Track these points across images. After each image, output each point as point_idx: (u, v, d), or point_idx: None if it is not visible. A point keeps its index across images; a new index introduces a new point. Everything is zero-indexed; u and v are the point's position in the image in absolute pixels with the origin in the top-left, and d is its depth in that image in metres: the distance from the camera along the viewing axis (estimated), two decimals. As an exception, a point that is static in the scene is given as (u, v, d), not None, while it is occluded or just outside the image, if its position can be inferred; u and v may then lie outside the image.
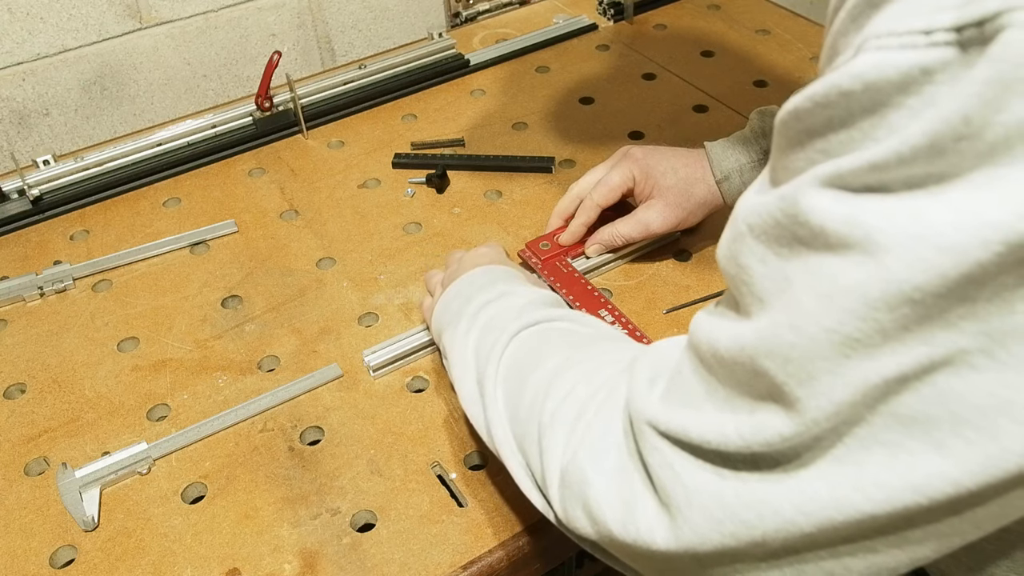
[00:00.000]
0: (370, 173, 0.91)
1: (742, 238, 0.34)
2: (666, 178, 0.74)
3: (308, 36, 1.07)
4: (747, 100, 0.97)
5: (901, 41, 0.28)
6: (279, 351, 0.73)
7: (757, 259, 0.34)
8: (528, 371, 0.50)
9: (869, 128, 0.29)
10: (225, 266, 0.82)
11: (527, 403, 0.49)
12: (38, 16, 0.91)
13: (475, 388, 0.54)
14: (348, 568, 0.57)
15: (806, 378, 0.31)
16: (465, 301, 0.59)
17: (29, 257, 0.84)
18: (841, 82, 0.30)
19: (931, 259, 0.28)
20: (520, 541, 0.58)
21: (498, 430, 0.51)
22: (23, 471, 0.65)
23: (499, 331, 0.54)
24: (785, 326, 0.32)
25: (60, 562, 0.59)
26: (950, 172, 0.28)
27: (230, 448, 0.65)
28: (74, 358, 0.74)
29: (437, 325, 0.62)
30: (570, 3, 1.18)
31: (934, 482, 0.30)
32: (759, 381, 0.33)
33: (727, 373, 0.35)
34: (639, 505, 0.39)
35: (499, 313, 0.56)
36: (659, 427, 0.38)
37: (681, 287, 0.76)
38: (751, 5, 1.14)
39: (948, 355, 0.29)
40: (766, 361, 0.32)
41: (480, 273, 0.61)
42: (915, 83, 0.28)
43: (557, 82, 1.03)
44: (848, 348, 0.30)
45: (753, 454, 0.34)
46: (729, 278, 0.36)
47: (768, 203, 0.33)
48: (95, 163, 0.91)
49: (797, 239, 0.32)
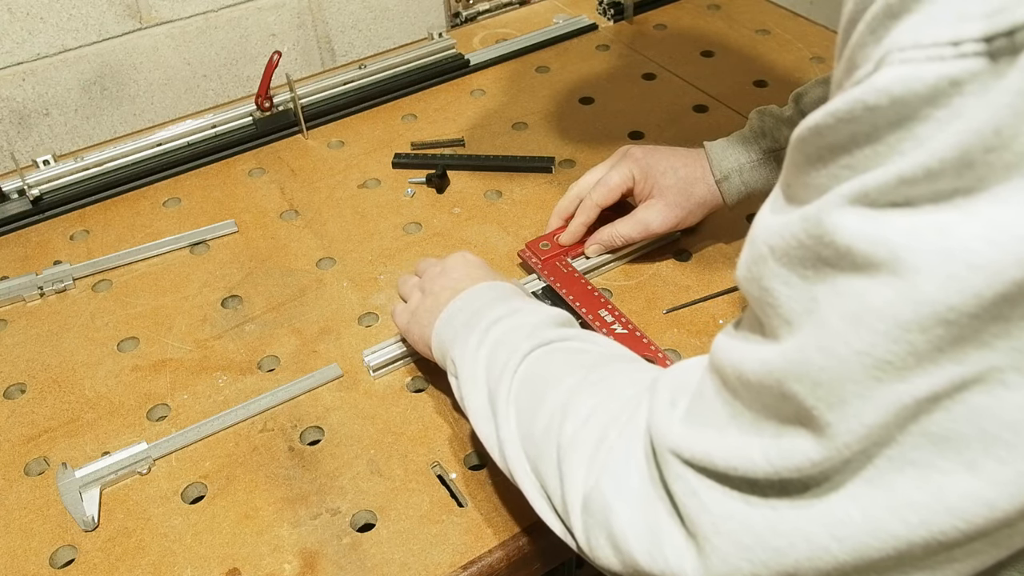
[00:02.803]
0: (370, 173, 0.91)
1: (763, 260, 0.34)
2: (666, 177, 0.74)
3: (308, 36, 1.07)
4: (747, 100, 0.97)
5: (927, 53, 0.27)
6: (279, 351, 0.73)
7: (781, 281, 0.33)
8: (543, 390, 0.49)
9: (895, 142, 0.29)
10: (225, 266, 0.82)
11: (543, 424, 0.47)
12: (38, 16, 0.91)
13: (486, 405, 0.53)
14: (348, 568, 0.57)
15: (836, 402, 0.31)
16: (474, 315, 0.57)
17: (29, 257, 0.84)
18: (866, 97, 0.29)
19: (964, 278, 0.27)
20: (520, 541, 0.58)
21: (511, 449, 0.49)
22: (23, 471, 0.65)
23: (512, 348, 0.53)
24: (814, 349, 0.31)
25: (60, 562, 0.59)
26: (978, 185, 0.27)
27: (230, 448, 0.65)
28: (74, 358, 0.74)
29: (439, 338, 0.59)
30: (570, 3, 1.18)
31: (969, 504, 0.29)
32: (787, 405, 0.33)
33: (753, 397, 0.35)
34: (665, 535, 0.38)
35: (512, 329, 0.55)
36: (682, 455, 0.37)
37: (681, 287, 0.76)
38: (751, 5, 1.14)
39: (980, 373, 0.29)
40: (795, 385, 0.32)
41: (486, 288, 0.60)
42: (944, 95, 0.27)
43: (557, 82, 1.03)
44: (880, 371, 0.29)
45: (781, 480, 0.33)
46: (752, 299, 0.35)
47: (790, 224, 0.32)
48: (95, 163, 0.91)
49: (822, 260, 0.31)
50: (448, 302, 0.60)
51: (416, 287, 0.66)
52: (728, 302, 0.74)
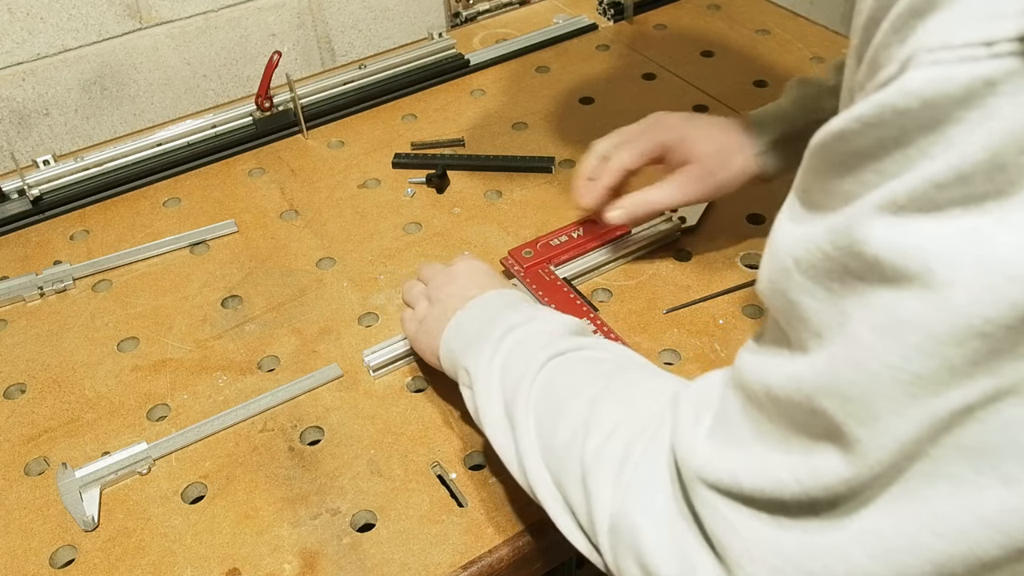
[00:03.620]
0: (370, 173, 0.91)
1: (788, 273, 0.33)
2: (703, 145, 0.69)
3: (308, 36, 1.07)
4: (747, 100, 0.97)
5: (959, 54, 0.27)
6: (279, 351, 0.73)
7: (808, 294, 0.32)
8: (563, 401, 0.48)
9: (926, 146, 0.28)
10: (225, 266, 0.82)
11: (565, 437, 0.46)
12: (38, 16, 0.91)
13: (503, 417, 0.52)
14: (348, 568, 0.57)
15: (868, 418, 0.30)
16: (486, 324, 0.56)
17: (29, 257, 0.84)
18: (895, 101, 0.28)
19: (1000, 288, 0.27)
20: (520, 541, 0.58)
21: (530, 462, 0.48)
22: (23, 471, 0.65)
23: (528, 358, 0.52)
24: (844, 363, 0.30)
25: (60, 562, 0.59)
26: (1009, 188, 0.27)
27: (230, 448, 0.65)
28: (74, 358, 0.74)
29: (448, 348, 0.58)
30: (570, 3, 1.18)
31: (1007, 518, 0.29)
32: (816, 420, 0.32)
33: (780, 413, 0.34)
34: (696, 560, 0.37)
35: (527, 338, 0.54)
36: (709, 479, 0.36)
37: (681, 287, 0.76)
38: (751, 5, 1.14)
39: (1015, 384, 0.28)
40: (825, 400, 0.31)
41: (495, 296, 0.59)
42: (977, 96, 0.27)
43: (557, 82, 1.03)
44: (914, 386, 0.29)
45: (811, 499, 0.33)
46: (777, 312, 0.35)
47: (815, 235, 0.32)
48: (95, 163, 0.91)
49: (851, 273, 0.30)
50: (456, 311, 0.59)
51: (422, 294, 0.65)
52: (728, 302, 0.74)
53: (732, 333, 0.71)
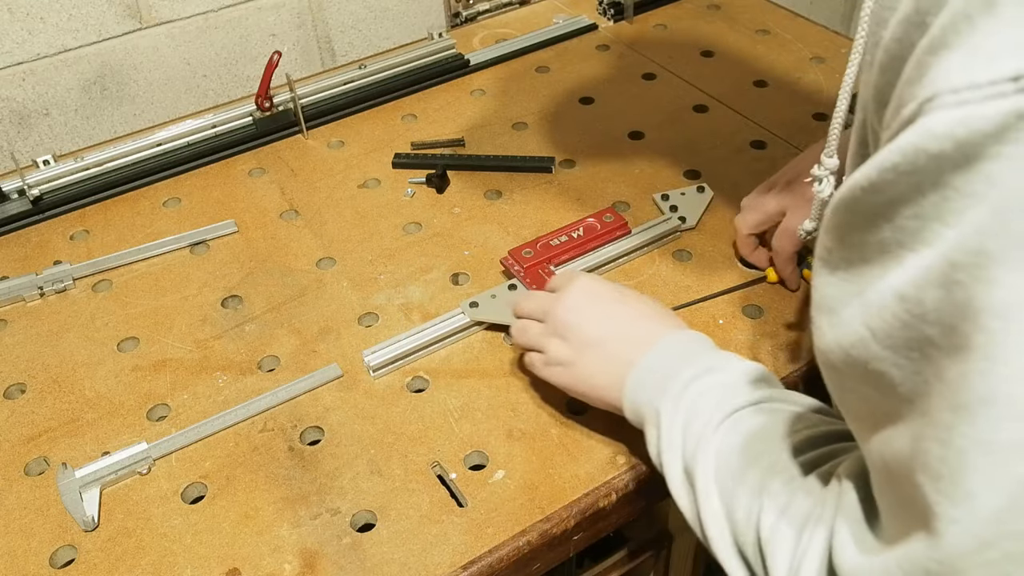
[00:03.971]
0: (370, 173, 0.91)
1: (865, 344, 0.33)
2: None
3: (308, 36, 1.07)
4: (747, 100, 0.97)
5: (985, 92, 0.27)
6: (279, 351, 0.73)
7: (891, 364, 0.33)
8: (739, 472, 0.49)
9: (963, 184, 0.29)
10: (225, 266, 0.82)
11: (743, 512, 0.48)
12: (38, 16, 0.91)
13: (683, 476, 0.52)
14: (348, 568, 0.57)
15: (962, 497, 0.30)
16: (667, 377, 0.56)
17: (29, 257, 0.84)
18: (927, 145, 0.29)
19: None
20: (520, 541, 0.58)
21: (714, 531, 0.49)
22: (23, 471, 0.65)
23: (707, 417, 0.52)
24: (932, 440, 0.31)
25: (60, 562, 0.59)
26: None
27: (230, 448, 0.65)
28: (74, 358, 0.74)
29: (632, 402, 0.57)
30: (570, 3, 1.18)
31: None
32: (913, 496, 0.33)
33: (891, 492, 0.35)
34: None
35: (705, 392, 0.54)
36: None
37: (681, 287, 0.76)
38: (751, 5, 1.14)
39: None
40: (920, 476, 0.32)
41: (672, 343, 0.58)
42: (1012, 129, 0.27)
43: (557, 82, 1.03)
44: (1008, 452, 0.29)
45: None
46: (854, 377, 0.35)
47: (887, 304, 0.32)
48: (95, 163, 0.91)
49: (927, 340, 0.31)
50: (621, 355, 0.59)
51: (549, 335, 0.62)
52: (728, 302, 0.74)
53: (732, 333, 0.71)
